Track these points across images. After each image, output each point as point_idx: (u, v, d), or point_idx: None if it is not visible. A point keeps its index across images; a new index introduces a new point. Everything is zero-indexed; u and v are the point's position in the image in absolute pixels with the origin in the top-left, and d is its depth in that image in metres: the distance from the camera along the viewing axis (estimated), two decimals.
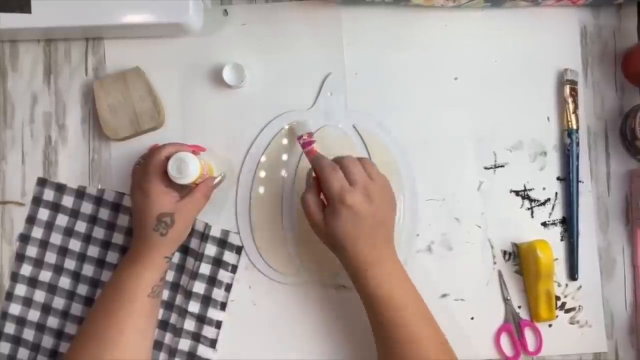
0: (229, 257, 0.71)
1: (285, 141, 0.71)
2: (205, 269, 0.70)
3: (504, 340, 0.70)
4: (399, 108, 0.72)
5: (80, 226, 0.72)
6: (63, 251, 0.71)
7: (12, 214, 0.73)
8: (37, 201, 0.72)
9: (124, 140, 0.72)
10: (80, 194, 0.72)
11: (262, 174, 0.71)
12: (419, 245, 0.71)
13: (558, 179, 0.71)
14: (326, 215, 0.60)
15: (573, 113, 0.70)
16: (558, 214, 0.71)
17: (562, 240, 0.71)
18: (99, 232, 0.72)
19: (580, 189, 0.70)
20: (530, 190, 0.71)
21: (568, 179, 0.70)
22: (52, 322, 0.71)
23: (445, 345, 0.61)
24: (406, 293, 0.61)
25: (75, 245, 0.71)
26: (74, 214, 0.72)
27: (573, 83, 0.71)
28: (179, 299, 0.71)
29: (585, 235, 0.70)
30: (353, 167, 0.60)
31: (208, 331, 0.70)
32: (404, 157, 0.71)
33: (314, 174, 0.63)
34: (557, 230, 0.71)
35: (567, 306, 0.70)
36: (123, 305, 0.62)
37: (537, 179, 0.71)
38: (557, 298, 0.70)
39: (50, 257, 0.71)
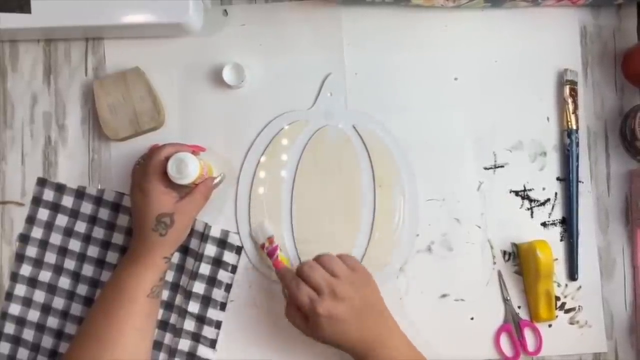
0: (228, 257, 0.71)
1: (285, 141, 0.71)
2: (205, 269, 0.70)
3: (504, 341, 0.70)
4: (399, 108, 0.72)
5: (80, 226, 0.72)
6: (63, 251, 0.71)
7: (12, 214, 0.73)
8: (37, 201, 0.72)
9: (124, 140, 0.72)
10: (80, 194, 0.72)
11: (262, 174, 0.71)
12: (419, 245, 0.71)
13: (558, 179, 0.71)
14: (310, 330, 0.61)
15: (573, 113, 0.70)
16: (558, 214, 0.71)
17: (561, 240, 0.71)
18: (98, 232, 0.72)
19: (580, 189, 0.70)
20: (530, 190, 0.71)
21: (568, 179, 0.70)
22: (52, 322, 0.71)
23: None
24: None
25: (75, 245, 0.71)
26: (74, 214, 0.72)
27: (573, 83, 0.71)
28: (178, 299, 0.71)
29: (585, 235, 0.70)
30: (312, 273, 0.60)
31: (208, 331, 0.70)
32: (404, 157, 0.71)
33: (285, 291, 0.64)
34: (557, 230, 0.71)
35: (566, 306, 0.70)
36: (123, 305, 0.62)
37: (537, 179, 0.71)
38: (557, 298, 0.70)
39: (50, 257, 0.71)
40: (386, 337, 0.61)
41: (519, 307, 0.70)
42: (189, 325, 0.70)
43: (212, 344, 0.70)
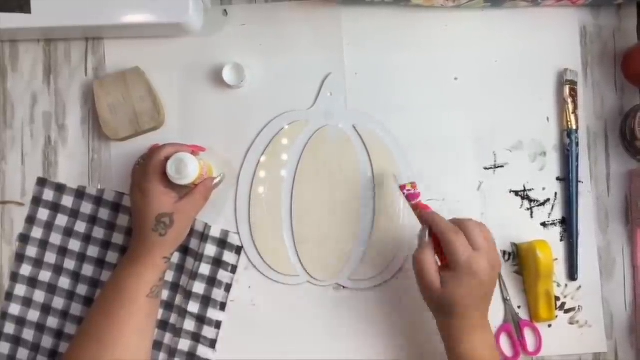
0: (228, 257, 0.71)
1: (285, 141, 0.71)
2: (204, 269, 0.70)
3: (504, 341, 0.70)
4: (399, 108, 0.72)
5: (80, 226, 0.72)
6: (63, 251, 0.71)
7: (12, 214, 0.73)
8: (37, 201, 0.72)
9: (123, 140, 0.72)
10: (80, 194, 0.72)
11: (262, 173, 0.71)
12: None
13: (558, 179, 0.71)
14: (445, 279, 0.57)
15: (573, 113, 0.70)
16: (558, 214, 0.71)
17: (561, 240, 0.71)
18: (98, 232, 0.72)
19: (580, 189, 0.70)
20: (530, 190, 0.71)
21: (568, 179, 0.70)
22: (52, 322, 0.71)
23: None
24: None
25: (75, 245, 0.71)
26: (74, 214, 0.72)
27: (573, 83, 0.71)
28: (178, 299, 0.71)
29: (584, 235, 0.70)
30: (476, 231, 0.58)
31: (208, 331, 0.70)
32: (404, 157, 0.71)
33: (427, 234, 0.60)
34: (557, 230, 0.71)
35: (566, 306, 0.70)
36: (122, 306, 0.62)
37: (537, 179, 0.71)
38: (557, 298, 0.70)
39: (50, 257, 0.71)
40: (483, 318, 0.60)
41: (518, 307, 0.70)
42: (189, 325, 0.70)
43: (212, 344, 0.70)
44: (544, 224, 0.71)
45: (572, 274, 0.70)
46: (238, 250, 0.71)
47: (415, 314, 0.70)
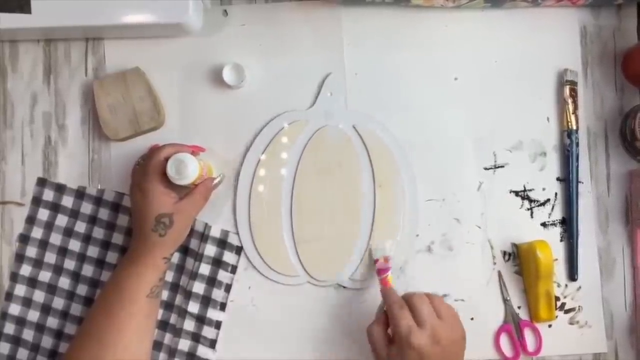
0: (228, 257, 0.71)
1: (285, 140, 0.71)
2: (204, 269, 0.70)
3: (504, 341, 0.70)
4: (399, 108, 0.72)
5: (80, 226, 0.72)
6: (63, 251, 0.71)
7: (12, 214, 0.73)
8: (36, 201, 0.72)
9: (123, 140, 0.72)
10: (80, 194, 0.72)
11: (262, 172, 0.71)
12: (419, 246, 0.71)
13: (558, 179, 0.71)
14: (391, 354, 0.58)
15: (573, 113, 0.70)
16: (558, 215, 0.71)
17: (561, 240, 0.71)
18: (98, 232, 0.72)
19: (580, 189, 0.70)
20: (530, 190, 0.71)
21: (568, 180, 0.70)
22: (52, 322, 0.71)
23: None
24: None
25: (75, 245, 0.71)
26: (74, 214, 0.72)
27: (573, 83, 0.71)
28: (178, 299, 0.71)
29: (585, 235, 0.70)
30: (421, 306, 0.58)
31: (208, 331, 0.70)
32: (404, 157, 0.71)
33: (382, 308, 0.62)
34: (557, 230, 0.71)
35: (566, 306, 0.70)
36: (122, 306, 0.62)
37: (537, 179, 0.71)
38: (557, 298, 0.70)
39: (50, 258, 0.71)
40: None
41: (519, 307, 0.70)
42: (189, 325, 0.70)
43: (212, 344, 0.70)
44: (544, 224, 0.71)
45: (572, 274, 0.70)
46: (238, 250, 0.71)
47: None
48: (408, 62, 0.72)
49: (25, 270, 0.72)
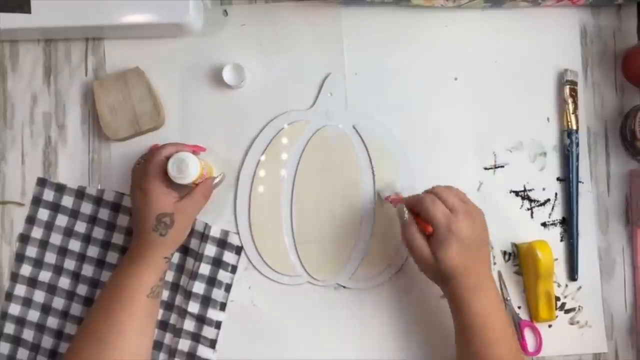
0: (228, 257, 0.70)
1: (285, 140, 0.71)
2: (205, 269, 0.70)
3: None
4: (399, 108, 0.72)
5: (80, 226, 0.72)
6: (63, 251, 0.71)
7: (12, 214, 0.73)
8: (37, 201, 0.72)
9: (124, 140, 0.72)
10: (80, 194, 0.72)
11: (262, 173, 0.71)
12: None
13: (558, 179, 0.71)
14: (434, 248, 0.58)
15: (573, 113, 0.70)
16: (558, 215, 0.71)
17: (562, 240, 0.71)
18: (98, 233, 0.71)
19: (580, 189, 0.70)
20: (530, 190, 0.71)
21: (568, 180, 0.70)
22: (52, 322, 0.71)
23: None
24: (503, 326, 0.60)
25: (75, 245, 0.71)
26: (74, 214, 0.72)
27: (573, 83, 0.71)
28: (178, 299, 0.71)
29: (585, 235, 0.70)
30: (448, 196, 0.60)
31: (208, 331, 0.70)
32: (404, 157, 0.71)
33: (406, 212, 0.62)
34: (557, 230, 0.71)
35: (567, 306, 0.70)
36: (123, 306, 0.62)
37: (537, 179, 0.71)
38: (557, 298, 0.70)
39: (50, 258, 0.71)
40: (487, 277, 0.60)
41: (519, 307, 0.70)
42: (189, 325, 0.70)
43: (212, 344, 0.70)
44: (544, 224, 0.71)
45: (572, 274, 0.70)
46: (238, 250, 0.71)
47: (415, 314, 0.70)
48: (408, 62, 0.72)
49: (26, 270, 0.72)
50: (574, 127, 0.70)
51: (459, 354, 0.61)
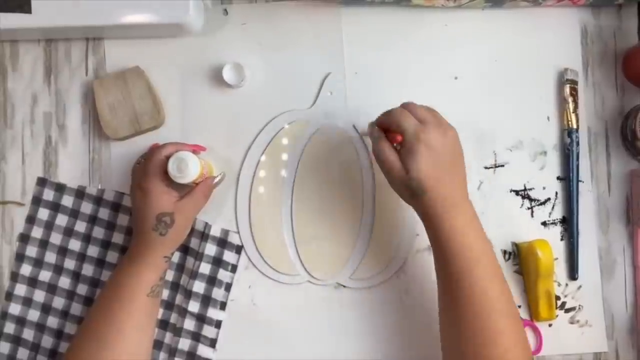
0: (228, 256, 0.70)
1: (285, 141, 0.71)
2: (205, 268, 0.70)
3: None
4: None
5: (80, 226, 0.72)
6: (63, 251, 0.71)
7: (12, 214, 0.73)
8: (37, 201, 0.72)
9: (124, 139, 0.72)
10: (80, 193, 0.72)
11: (262, 173, 0.71)
12: (418, 245, 0.70)
13: (558, 178, 0.71)
14: (404, 160, 0.57)
15: (573, 113, 0.70)
16: (558, 214, 0.71)
17: (562, 240, 0.71)
18: (98, 232, 0.71)
19: (580, 188, 0.70)
20: (530, 189, 0.71)
21: (568, 179, 0.70)
22: (52, 322, 0.71)
23: (513, 306, 0.58)
24: (481, 246, 0.58)
25: (75, 245, 0.71)
26: (74, 213, 0.72)
27: (573, 83, 0.71)
28: (178, 299, 0.71)
29: (585, 235, 0.70)
30: (418, 108, 0.59)
31: (208, 331, 0.70)
32: None
33: (376, 128, 0.61)
34: (557, 230, 0.71)
35: (567, 306, 0.70)
36: (123, 305, 0.62)
37: (537, 178, 0.71)
38: (557, 298, 0.70)
39: (50, 257, 0.71)
40: (462, 197, 0.59)
41: (519, 307, 0.70)
42: (189, 324, 0.70)
43: (212, 343, 0.70)
44: (544, 224, 0.71)
45: (572, 274, 0.70)
46: (238, 249, 0.71)
47: (415, 314, 0.70)
48: (408, 62, 0.72)
49: (26, 269, 0.72)
50: (574, 126, 0.70)
51: (439, 281, 0.60)
